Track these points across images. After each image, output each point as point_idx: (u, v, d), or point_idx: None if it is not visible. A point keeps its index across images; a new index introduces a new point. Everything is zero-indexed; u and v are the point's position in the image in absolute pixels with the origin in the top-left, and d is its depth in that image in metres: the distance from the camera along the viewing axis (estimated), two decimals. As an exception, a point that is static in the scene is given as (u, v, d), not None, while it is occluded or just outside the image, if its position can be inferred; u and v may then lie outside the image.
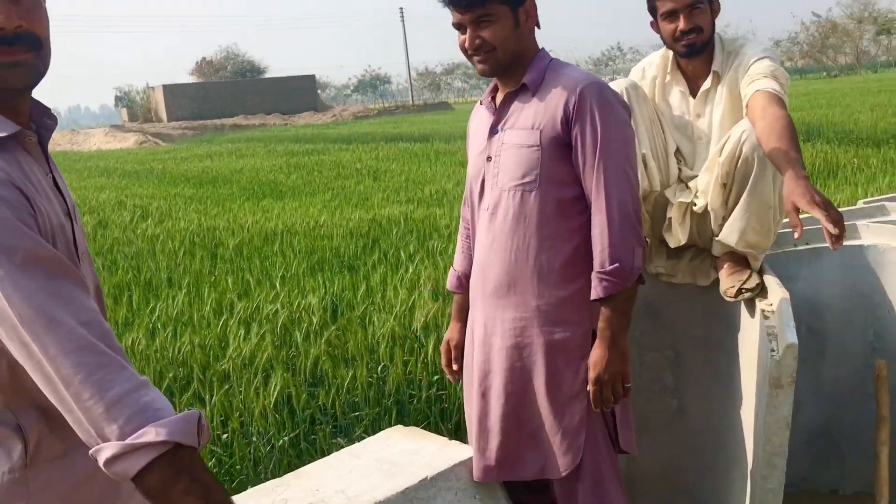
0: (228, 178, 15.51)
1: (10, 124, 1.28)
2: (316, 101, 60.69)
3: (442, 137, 22.89)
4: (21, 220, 1.17)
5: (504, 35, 2.03)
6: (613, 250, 1.99)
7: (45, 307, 1.14)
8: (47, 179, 1.36)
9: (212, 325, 4.79)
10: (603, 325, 2.02)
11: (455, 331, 2.43)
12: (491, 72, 2.09)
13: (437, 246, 6.97)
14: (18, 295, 1.13)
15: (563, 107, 2.02)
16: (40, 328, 1.13)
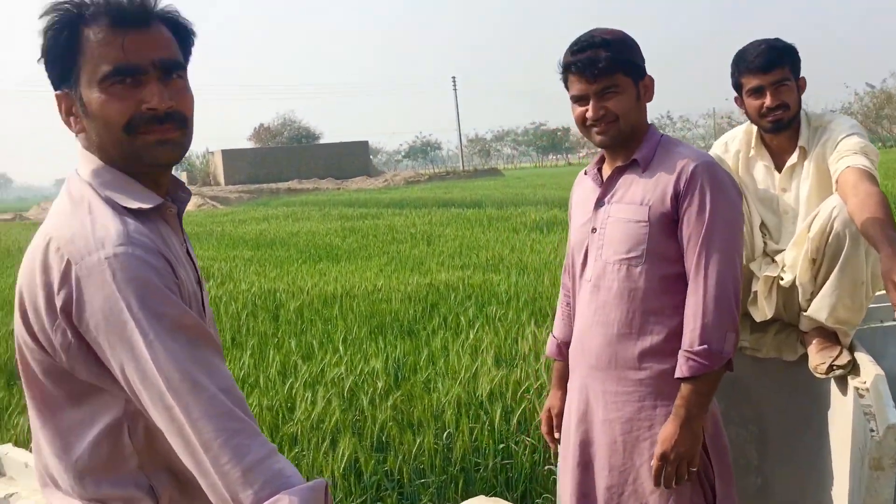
0: (285, 241, 15.78)
1: (155, 197, 1.37)
2: (368, 167, 61.77)
3: (493, 203, 23.06)
4: (168, 288, 1.25)
5: (628, 106, 2.06)
6: (705, 331, 1.97)
7: (191, 372, 1.20)
8: (182, 249, 1.44)
9: (278, 387, 4.83)
10: (679, 403, 1.99)
11: (556, 398, 2.42)
12: (610, 142, 2.10)
13: (497, 312, 6.97)
14: (166, 359, 1.20)
15: (673, 183, 2.03)
16: (185, 392, 1.18)
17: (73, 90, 1.34)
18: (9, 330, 7.67)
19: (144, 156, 1.35)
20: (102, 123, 1.33)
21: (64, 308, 1.23)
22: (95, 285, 1.21)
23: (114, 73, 1.30)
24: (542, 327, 6.10)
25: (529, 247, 12.16)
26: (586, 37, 2.08)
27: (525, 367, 4.93)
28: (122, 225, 1.27)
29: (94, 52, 1.31)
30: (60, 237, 1.27)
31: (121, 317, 1.20)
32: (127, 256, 1.23)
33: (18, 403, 5.10)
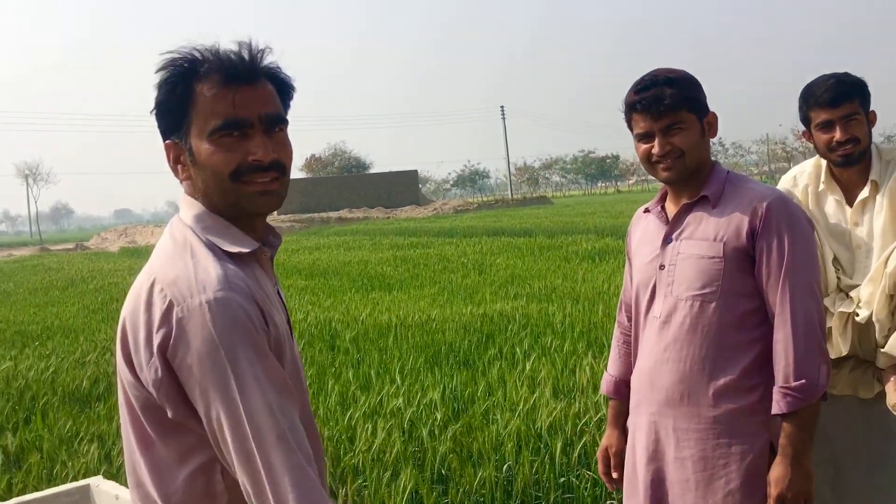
0: (338, 270, 15.96)
1: (252, 241, 1.44)
2: (417, 196, 62.23)
3: (544, 232, 22.99)
4: (260, 335, 1.31)
5: (693, 143, 2.08)
6: (799, 366, 1.96)
7: (278, 424, 1.26)
8: (275, 291, 1.50)
9: (338, 417, 4.88)
10: (784, 442, 1.98)
11: (614, 437, 2.41)
12: (676, 178, 2.11)
13: (552, 343, 6.94)
14: (256, 408, 1.26)
15: (748, 219, 2.03)
16: (268, 442, 1.25)
17: (183, 140, 1.42)
18: (75, 358, 7.88)
19: (247, 204, 1.42)
20: (211, 172, 1.40)
21: (161, 346, 1.29)
22: (195, 327, 1.27)
23: (224, 126, 1.38)
24: (600, 359, 6.06)
25: (581, 276, 12.09)
26: (650, 76, 2.11)
27: (584, 400, 4.90)
28: (222, 269, 1.33)
29: (205, 106, 1.38)
30: (164, 278, 1.33)
31: (216, 360, 1.26)
32: (227, 301, 1.28)
33: (88, 430, 5.23)
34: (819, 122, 2.53)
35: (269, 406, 1.27)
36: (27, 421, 5.78)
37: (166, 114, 1.42)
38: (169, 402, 1.32)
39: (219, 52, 1.40)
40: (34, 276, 21.71)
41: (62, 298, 14.81)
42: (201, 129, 1.39)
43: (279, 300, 1.51)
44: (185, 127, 1.41)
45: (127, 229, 51.57)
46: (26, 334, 10.16)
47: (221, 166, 1.39)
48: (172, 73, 1.39)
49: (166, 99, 1.41)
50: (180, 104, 1.40)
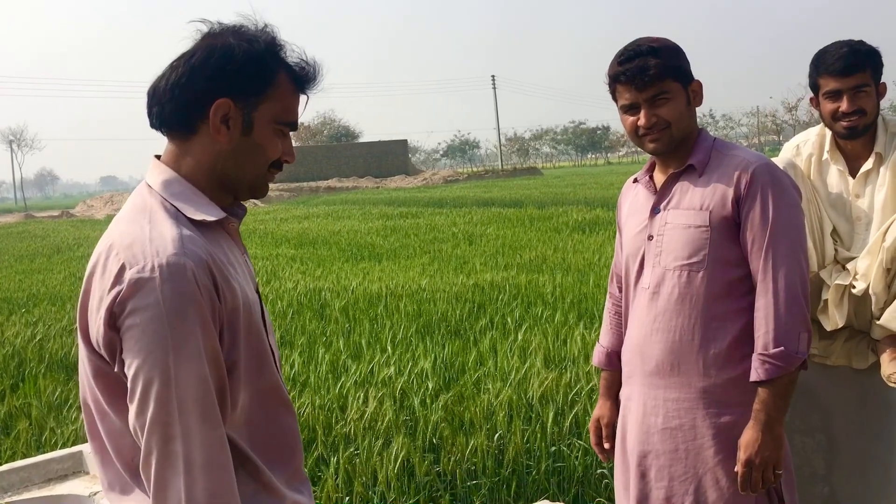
0: (327, 240, 15.91)
1: (219, 210, 1.45)
2: (407, 165, 62.00)
3: (534, 202, 22.98)
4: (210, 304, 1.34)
5: (679, 112, 2.05)
6: (778, 333, 1.95)
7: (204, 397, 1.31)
8: (243, 259, 1.52)
9: (329, 386, 4.87)
10: (759, 408, 1.97)
11: (606, 408, 2.40)
12: (664, 149, 2.09)
13: (543, 313, 6.95)
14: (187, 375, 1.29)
15: (733, 187, 2.01)
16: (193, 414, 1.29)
17: (246, 109, 1.43)
18: (62, 326, 7.84)
19: (260, 188, 1.51)
20: (260, 152, 1.46)
21: (110, 305, 1.29)
22: (144, 289, 1.27)
23: (290, 124, 1.50)
24: (591, 329, 6.07)
25: (572, 247, 12.10)
26: (633, 46, 2.07)
27: (575, 370, 4.90)
28: (178, 233, 1.34)
29: (284, 97, 1.47)
30: (121, 243, 1.34)
31: (160, 323, 1.27)
32: (179, 266, 1.29)
33: (76, 398, 5.20)
34: (827, 91, 2.48)
35: (201, 378, 1.29)
36: (14, 388, 5.75)
37: (242, 79, 1.42)
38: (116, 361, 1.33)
39: (302, 55, 1.49)
40: (19, 243, 21.56)
41: (48, 266, 14.73)
42: (273, 115, 1.45)
43: (247, 270, 1.52)
44: (255, 100, 1.43)
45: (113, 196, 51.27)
46: (12, 301, 10.10)
47: (272, 154, 1.48)
48: (265, 49, 1.44)
49: (251, 68, 1.42)
50: (262, 80, 1.43)
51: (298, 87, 1.48)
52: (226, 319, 1.36)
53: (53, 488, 2.36)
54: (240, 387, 1.40)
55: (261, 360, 1.45)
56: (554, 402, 4.39)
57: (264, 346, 1.47)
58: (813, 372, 2.59)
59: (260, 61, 1.42)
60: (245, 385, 1.41)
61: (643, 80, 2.01)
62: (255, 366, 1.44)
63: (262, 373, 1.46)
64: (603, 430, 2.39)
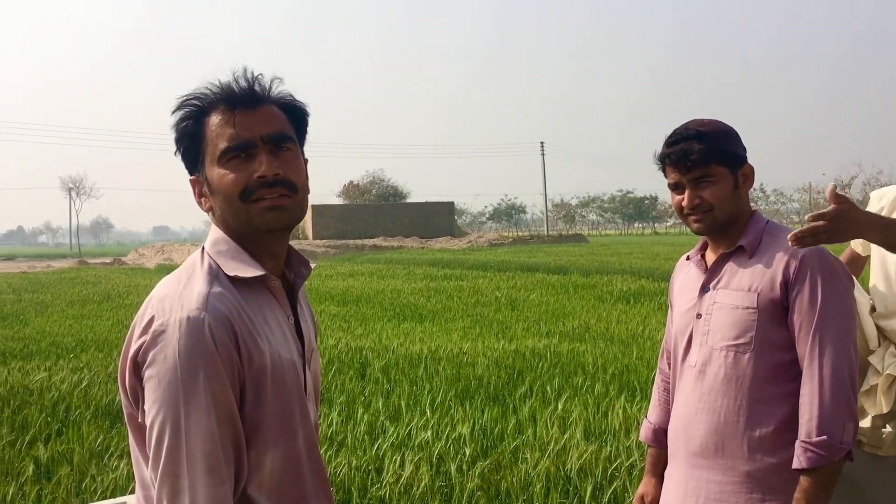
0: (371, 299, 15.98)
1: (257, 269, 1.47)
2: (453, 227, 62.36)
3: (579, 270, 22.86)
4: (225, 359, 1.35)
5: (723, 196, 2.07)
6: (822, 422, 1.91)
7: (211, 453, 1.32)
8: (283, 321, 1.51)
9: (366, 447, 4.85)
10: (799, 496, 1.93)
11: (651, 486, 2.37)
12: (706, 230, 2.12)
13: (583, 383, 6.87)
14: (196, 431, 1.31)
15: (782, 270, 2.01)
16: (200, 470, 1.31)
17: (201, 173, 1.49)
18: (108, 372, 7.97)
19: (258, 222, 1.45)
20: (223, 196, 1.45)
21: (135, 356, 1.35)
22: (165, 341, 1.32)
23: (229, 149, 1.44)
24: (633, 402, 5.97)
25: (616, 317, 11.98)
26: (681, 129, 2.12)
27: (616, 443, 4.82)
28: (206, 290, 1.38)
29: (213, 134, 1.46)
30: (157, 296, 1.40)
31: (173, 377, 1.31)
32: (198, 322, 1.33)
33: (118, 446, 5.26)
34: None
35: (210, 435, 1.31)
36: (59, 433, 5.83)
37: (185, 151, 1.50)
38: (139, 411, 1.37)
39: (221, 84, 1.47)
40: (72, 288, 22.07)
41: (98, 312, 15.02)
42: (212, 156, 1.46)
43: (289, 332, 1.51)
44: (201, 160, 1.48)
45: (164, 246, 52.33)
46: (61, 346, 10.30)
47: (231, 187, 1.44)
48: (185, 113, 1.47)
49: (182, 136, 1.49)
50: (193, 140, 1.47)
51: (226, 113, 1.46)
52: (248, 377, 1.38)
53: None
54: (266, 447, 1.41)
55: (289, 423, 1.45)
56: (593, 476, 4.32)
57: (294, 408, 1.46)
58: (862, 461, 2.52)
59: (185, 127, 1.47)
60: (271, 446, 1.41)
61: (685, 164, 2.06)
62: (283, 427, 1.43)
63: (291, 436, 1.45)
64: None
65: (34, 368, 8.41)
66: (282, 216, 1.45)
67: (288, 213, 1.46)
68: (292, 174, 1.47)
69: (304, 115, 1.55)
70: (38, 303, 17.40)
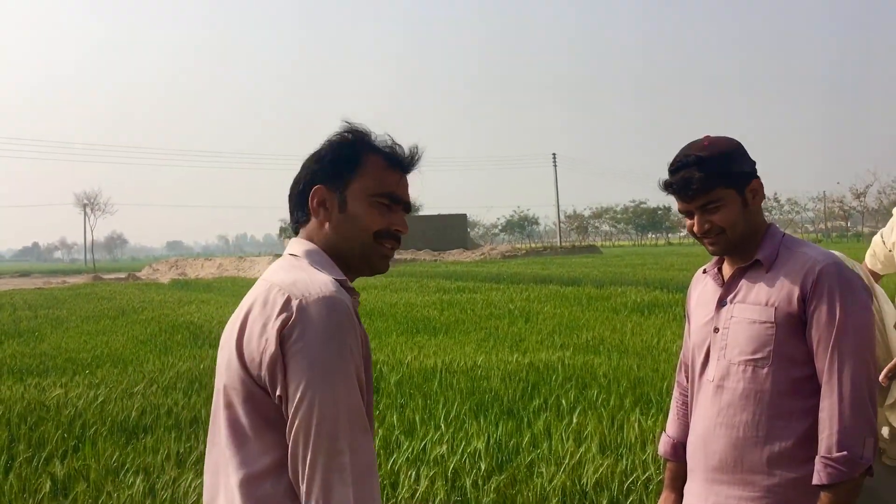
0: (384, 312, 15.99)
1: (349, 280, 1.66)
2: (465, 239, 62.40)
3: (592, 281, 22.81)
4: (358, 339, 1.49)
5: (733, 218, 2.06)
6: (842, 437, 1.90)
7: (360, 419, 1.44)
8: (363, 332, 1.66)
9: (381, 462, 4.84)
10: None
11: (670, 501, 2.35)
12: (722, 252, 2.12)
13: (598, 396, 6.84)
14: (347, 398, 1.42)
15: (800, 284, 1.99)
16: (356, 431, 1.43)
17: (338, 191, 1.65)
18: (123, 388, 8.00)
19: (375, 262, 1.68)
20: (360, 225, 1.64)
21: (279, 328, 1.43)
22: (314, 314, 1.43)
23: (386, 195, 1.66)
24: (648, 415, 5.94)
25: (630, 329, 11.93)
26: (680, 156, 2.09)
27: (631, 457, 4.79)
28: (333, 280, 1.52)
29: (374, 174, 1.66)
30: (282, 283, 1.51)
31: (328, 347, 1.42)
32: (341, 301, 1.47)
33: (133, 462, 5.28)
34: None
35: (358, 397, 1.44)
36: (76, 449, 5.85)
37: (332, 165, 1.65)
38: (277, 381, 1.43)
39: (392, 140, 1.69)
40: (87, 304, 22.20)
41: (113, 328, 15.10)
42: (364, 189, 1.64)
43: None
44: (344, 182, 1.64)
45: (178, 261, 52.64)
46: (77, 362, 10.35)
47: (371, 224, 1.64)
48: (353, 139, 1.67)
49: (339, 155, 1.66)
50: (349, 163, 1.65)
51: (390, 165, 1.66)
52: (362, 362, 1.50)
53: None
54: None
55: (370, 415, 1.54)
56: (609, 490, 4.29)
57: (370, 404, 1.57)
58: (884, 474, 2.48)
59: (344, 148, 1.66)
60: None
61: (688, 193, 2.06)
62: (369, 417, 1.53)
63: (371, 426, 1.55)
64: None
65: (50, 385, 8.45)
66: (387, 265, 1.71)
67: (390, 263, 1.72)
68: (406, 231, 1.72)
69: None
70: (54, 318, 17.50)
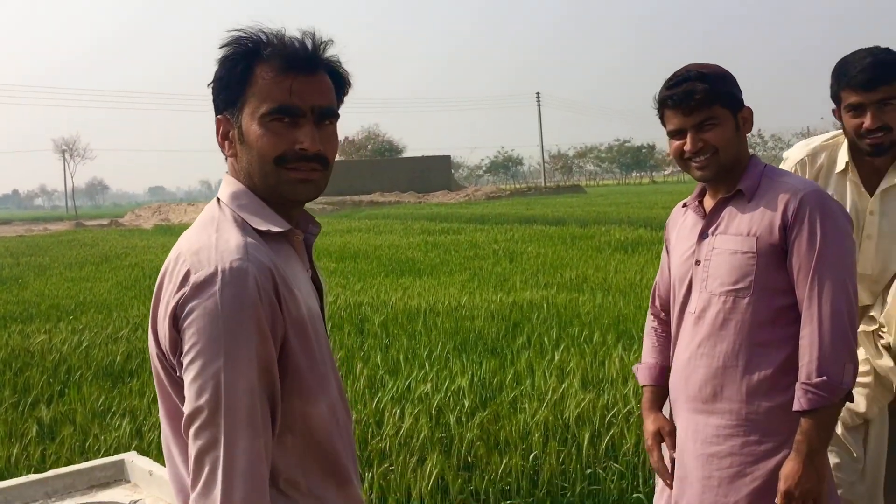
0: (368, 254, 16.00)
1: (284, 223, 1.46)
2: (449, 181, 62.16)
3: (577, 221, 22.86)
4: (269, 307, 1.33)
5: (727, 138, 2.05)
6: (822, 363, 1.92)
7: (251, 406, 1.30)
8: (306, 274, 1.51)
9: (366, 401, 4.90)
10: (800, 438, 1.94)
11: (660, 420, 2.28)
12: (711, 175, 2.09)
13: (581, 333, 6.91)
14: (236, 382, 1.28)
15: (781, 213, 1.99)
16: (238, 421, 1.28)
17: (235, 117, 1.44)
18: (107, 334, 8.01)
19: (286, 191, 1.44)
20: (256, 154, 1.43)
21: (174, 308, 1.31)
22: (205, 292, 1.29)
23: (276, 111, 1.41)
24: (630, 351, 6.02)
25: (614, 267, 12.01)
26: (682, 71, 2.08)
27: (613, 392, 4.87)
28: (243, 240, 1.35)
29: (262, 88, 1.41)
30: (188, 250, 1.36)
31: (215, 328, 1.28)
32: (241, 271, 1.30)
33: (119, 405, 5.31)
34: (849, 104, 2.37)
35: (250, 387, 1.29)
36: (61, 394, 5.88)
37: (223, 89, 1.44)
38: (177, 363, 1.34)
39: (283, 37, 1.42)
40: (69, 250, 22.07)
41: (96, 274, 15.04)
42: (254, 110, 1.42)
43: (311, 286, 1.51)
44: (239, 105, 1.43)
45: (160, 207, 52.25)
46: (61, 308, 10.34)
47: (268, 150, 1.41)
48: (236, 51, 1.42)
49: (226, 75, 1.43)
50: (239, 82, 1.42)
51: (282, 71, 1.41)
52: (290, 329, 1.36)
53: (95, 495, 2.42)
54: (312, 398, 1.40)
55: (326, 372, 1.45)
56: (590, 424, 4.36)
57: (326, 357, 1.47)
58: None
59: (233, 66, 1.42)
60: (316, 397, 1.41)
61: (689, 104, 2.03)
62: (323, 377, 1.43)
63: (328, 386, 1.45)
64: (667, 440, 2.24)
65: (34, 331, 8.45)
66: (309, 190, 1.45)
67: (315, 187, 1.45)
68: (329, 151, 1.46)
69: (348, 86, 1.52)
70: (37, 266, 17.41)
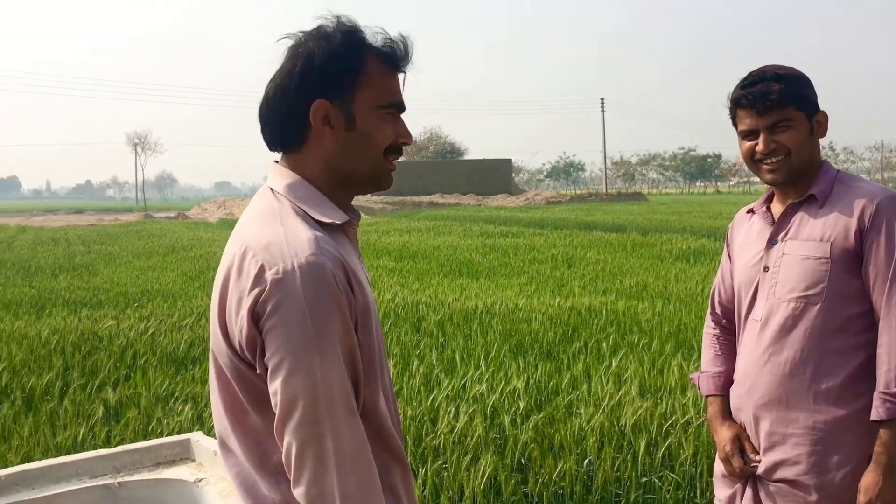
0: (427, 254, 16.08)
1: (342, 214, 1.47)
2: (510, 184, 62.02)
3: (637, 228, 22.59)
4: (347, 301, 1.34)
5: (801, 141, 2.01)
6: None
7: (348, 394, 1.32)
8: (361, 264, 1.52)
9: (422, 398, 4.93)
10: (880, 450, 1.89)
11: (736, 427, 2.18)
12: (782, 178, 2.04)
13: (639, 341, 6.83)
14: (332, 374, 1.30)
15: (857, 218, 1.95)
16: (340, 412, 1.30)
17: (346, 105, 1.44)
18: (172, 321, 8.22)
19: (384, 180, 1.51)
20: (369, 141, 1.46)
21: (252, 305, 1.30)
22: (287, 288, 1.28)
23: (393, 104, 1.48)
24: (689, 361, 5.92)
25: (675, 276, 11.84)
26: (757, 71, 2.05)
27: (671, 401, 4.80)
28: (312, 234, 1.35)
29: (377, 80, 1.45)
30: (256, 245, 1.35)
31: (304, 323, 1.28)
32: (318, 265, 1.30)
33: (182, 391, 5.45)
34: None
35: (342, 377, 1.30)
36: (127, 377, 6.06)
37: (331, 75, 1.43)
38: (258, 362, 1.34)
39: (388, 34, 1.47)
40: (138, 241, 22.72)
41: (163, 264, 15.46)
42: (373, 99, 1.45)
43: (364, 273, 1.52)
44: (350, 93, 1.44)
45: (226, 201, 53.34)
46: (128, 296, 10.65)
47: (382, 139, 1.46)
48: (356, 42, 1.44)
49: (337, 62, 1.43)
50: (353, 70, 1.44)
51: (391, 67, 1.46)
52: (359, 318, 1.37)
53: (161, 472, 2.49)
54: (375, 385, 1.41)
55: (382, 361, 1.46)
56: (647, 432, 4.31)
57: (382, 347, 1.48)
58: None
59: (342, 54, 1.42)
60: (377, 384, 1.42)
61: (764, 104, 1.99)
62: (381, 365, 1.44)
63: (384, 374, 1.46)
64: (746, 446, 2.14)
65: (103, 316, 8.72)
66: (392, 181, 1.52)
67: (392, 179, 1.52)
68: None
69: None
70: (107, 254, 17.98)
